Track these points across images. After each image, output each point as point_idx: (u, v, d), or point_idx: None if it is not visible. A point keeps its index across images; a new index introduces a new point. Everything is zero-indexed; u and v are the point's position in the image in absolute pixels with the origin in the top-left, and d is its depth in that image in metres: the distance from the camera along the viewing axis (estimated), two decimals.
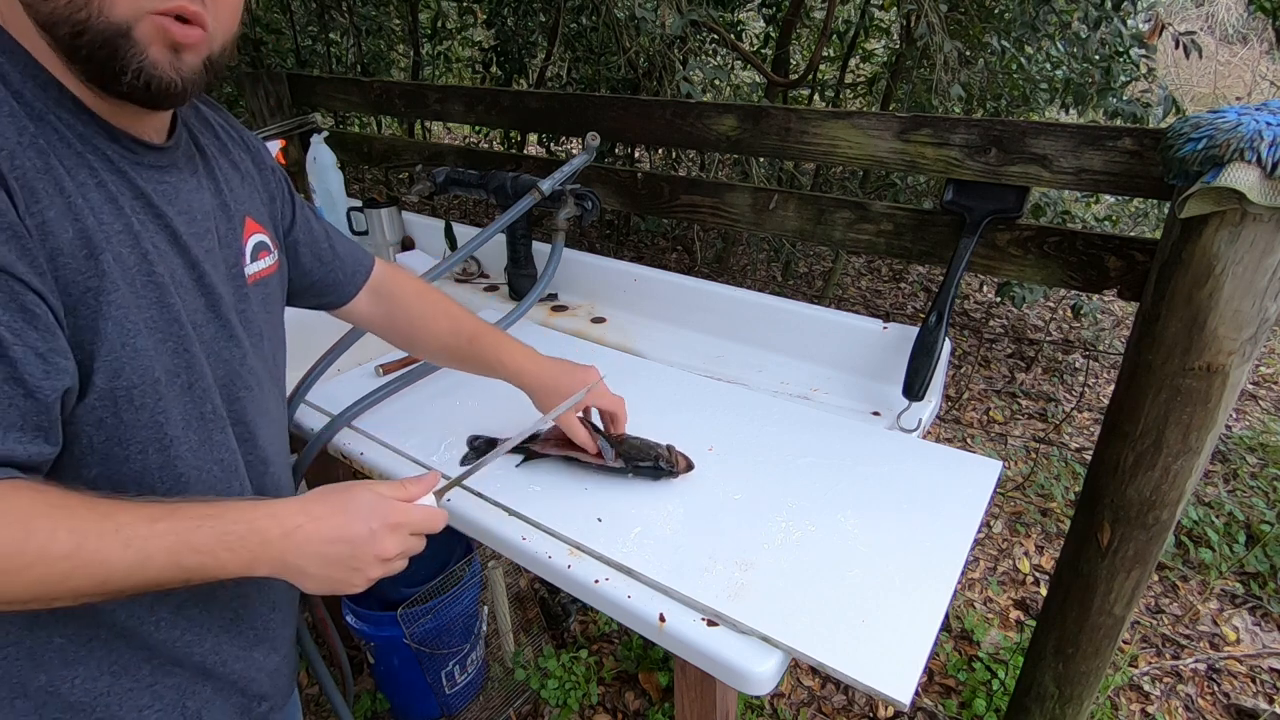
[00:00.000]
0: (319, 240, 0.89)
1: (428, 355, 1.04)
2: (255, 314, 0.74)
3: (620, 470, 0.94)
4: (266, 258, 0.77)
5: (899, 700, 0.67)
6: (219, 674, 0.72)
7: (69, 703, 0.62)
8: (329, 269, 0.90)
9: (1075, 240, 1.09)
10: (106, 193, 0.56)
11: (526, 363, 0.96)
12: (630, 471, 0.94)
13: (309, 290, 0.91)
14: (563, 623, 1.78)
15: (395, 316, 0.97)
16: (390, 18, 4.68)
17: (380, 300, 0.97)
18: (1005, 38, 2.73)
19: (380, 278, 0.96)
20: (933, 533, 0.87)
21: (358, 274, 0.93)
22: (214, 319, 0.66)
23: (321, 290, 0.91)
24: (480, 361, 0.98)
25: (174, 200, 0.63)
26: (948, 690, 1.73)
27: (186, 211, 0.64)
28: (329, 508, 0.61)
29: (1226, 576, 2.05)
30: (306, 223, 0.87)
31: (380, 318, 0.98)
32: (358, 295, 0.94)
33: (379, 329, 1.00)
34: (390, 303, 0.97)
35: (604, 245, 4.15)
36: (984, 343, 3.46)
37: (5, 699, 0.60)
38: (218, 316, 0.67)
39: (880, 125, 1.20)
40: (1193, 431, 0.94)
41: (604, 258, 1.62)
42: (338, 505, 0.61)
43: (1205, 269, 0.86)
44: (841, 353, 1.29)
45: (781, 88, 2.94)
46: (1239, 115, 0.80)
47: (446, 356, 1.01)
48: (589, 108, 1.55)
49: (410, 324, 0.98)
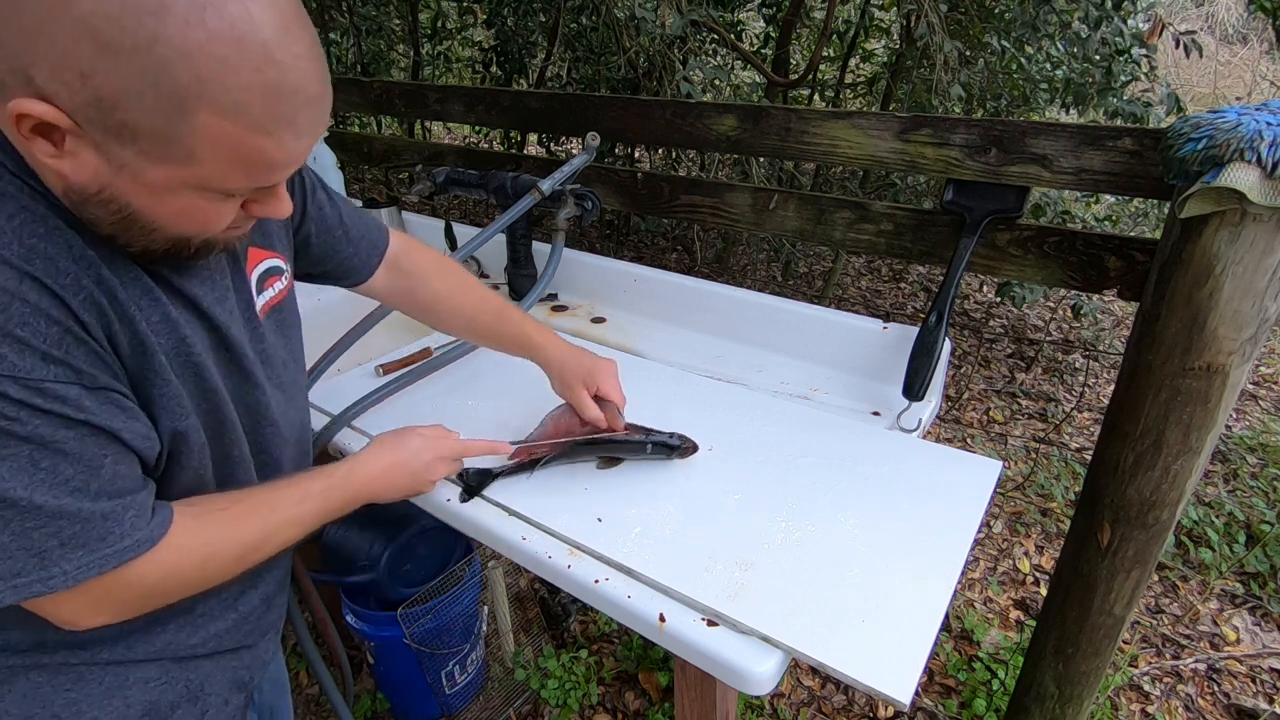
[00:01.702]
0: (332, 229, 0.88)
1: (449, 330, 1.06)
2: (272, 346, 0.75)
3: (638, 445, 0.95)
4: (276, 283, 0.77)
5: (899, 700, 0.67)
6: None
7: (75, 666, 0.65)
8: (342, 256, 0.90)
9: (1075, 240, 1.09)
10: (143, 286, 0.58)
11: (551, 342, 0.99)
12: (649, 445, 0.95)
13: (322, 275, 0.91)
14: (563, 623, 1.78)
15: (416, 292, 0.99)
16: (390, 18, 4.68)
17: (400, 276, 0.97)
18: (1005, 38, 2.73)
19: (397, 254, 0.97)
20: (933, 533, 0.87)
21: (372, 257, 0.94)
22: (236, 371, 0.69)
23: (335, 276, 0.92)
24: (505, 338, 1.01)
25: (194, 273, 0.64)
26: (948, 690, 1.73)
27: (207, 280, 0.65)
28: (395, 455, 0.85)
29: (1226, 576, 2.05)
30: (319, 210, 0.86)
31: (400, 293, 0.99)
32: (374, 274, 0.95)
33: (399, 304, 1.01)
34: (411, 279, 0.98)
35: (604, 245, 4.14)
36: (984, 343, 3.46)
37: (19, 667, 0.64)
38: (239, 369, 0.69)
39: (880, 125, 1.20)
40: (1193, 431, 0.94)
41: (604, 258, 1.62)
42: (400, 451, 0.86)
43: (1205, 269, 0.86)
44: (841, 353, 1.28)
45: (781, 88, 2.94)
46: (1239, 115, 0.80)
47: (470, 331, 1.04)
48: (589, 108, 1.55)
49: (434, 300, 1.00)
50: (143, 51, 0.43)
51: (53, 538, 0.53)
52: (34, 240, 0.51)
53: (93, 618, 0.60)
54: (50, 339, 0.50)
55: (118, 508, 0.57)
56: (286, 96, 0.49)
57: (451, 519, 0.94)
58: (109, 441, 0.55)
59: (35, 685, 0.64)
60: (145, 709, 0.70)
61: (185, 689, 0.73)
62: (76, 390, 0.52)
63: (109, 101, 0.45)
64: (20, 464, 0.50)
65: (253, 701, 0.85)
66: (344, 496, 0.78)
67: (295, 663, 1.73)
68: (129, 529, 0.57)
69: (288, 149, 0.52)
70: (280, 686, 0.99)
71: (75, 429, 0.52)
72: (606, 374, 0.96)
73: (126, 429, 0.56)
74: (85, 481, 0.54)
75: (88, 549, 0.55)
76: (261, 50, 0.46)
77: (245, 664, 0.80)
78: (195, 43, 0.44)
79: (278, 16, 0.47)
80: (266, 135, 0.49)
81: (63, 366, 0.51)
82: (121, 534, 0.57)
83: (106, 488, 0.56)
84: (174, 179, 0.50)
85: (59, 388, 0.51)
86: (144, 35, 0.43)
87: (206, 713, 0.75)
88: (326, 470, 0.78)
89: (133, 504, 0.58)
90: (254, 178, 0.53)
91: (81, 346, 0.52)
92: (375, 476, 0.83)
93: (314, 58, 0.50)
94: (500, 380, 1.21)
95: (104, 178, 0.50)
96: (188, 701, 0.73)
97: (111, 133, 0.47)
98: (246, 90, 0.47)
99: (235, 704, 0.79)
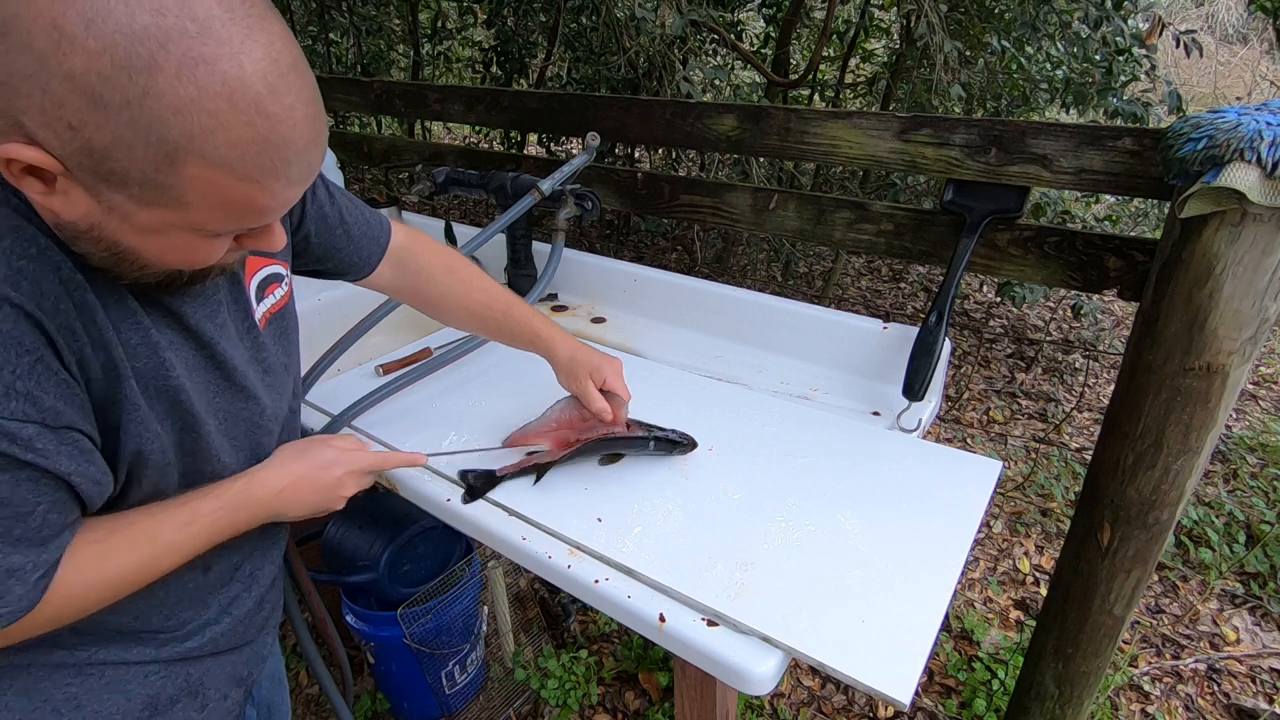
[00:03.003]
0: (333, 227, 0.87)
1: (455, 324, 1.06)
2: (271, 354, 0.75)
3: (640, 441, 0.95)
4: (276, 290, 0.77)
5: (899, 700, 0.66)
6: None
7: (74, 664, 0.66)
8: (342, 254, 0.90)
9: (1075, 240, 1.09)
10: (127, 307, 0.58)
11: (558, 336, 0.99)
12: (651, 442, 0.95)
13: (323, 272, 0.91)
14: (563, 623, 1.78)
15: (421, 287, 0.99)
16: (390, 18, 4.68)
17: (404, 271, 0.97)
18: (1005, 37, 2.73)
19: (401, 248, 0.96)
20: (933, 533, 0.87)
21: (374, 253, 0.93)
22: (229, 387, 0.69)
23: (336, 273, 0.92)
24: (512, 332, 1.01)
25: (184, 289, 0.63)
26: (948, 690, 1.73)
27: (198, 296, 0.65)
28: (302, 467, 0.78)
29: (1226, 576, 2.05)
30: (319, 209, 0.85)
31: (405, 288, 0.99)
32: (377, 269, 0.95)
33: (404, 298, 1.01)
34: (415, 274, 0.98)
35: (604, 245, 4.14)
36: (984, 343, 3.46)
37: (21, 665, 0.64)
38: (233, 384, 0.69)
39: (880, 125, 1.20)
40: (1193, 431, 0.94)
41: (604, 258, 1.62)
42: (307, 463, 0.79)
43: (1205, 269, 0.86)
44: (841, 353, 1.28)
45: (781, 88, 2.94)
46: (1239, 115, 0.80)
47: (476, 326, 1.04)
48: (589, 108, 1.55)
49: (439, 296, 1.00)
50: (133, 106, 0.43)
51: None
52: (22, 262, 0.51)
53: None
54: (20, 369, 0.50)
55: (28, 565, 0.55)
56: (277, 148, 0.48)
57: (452, 519, 0.94)
58: (50, 488, 0.54)
59: (36, 680, 0.64)
60: (145, 703, 0.70)
61: (185, 684, 0.73)
62: (34, 429, 0.51)
63: (99, 152, 0.45)
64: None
65: (251, 697, 0.85)
66: (237, 517, 0.72)
67: (295, 663, 1.73)
68: (29, 589, 0.55)
69: (278, 197, 0.51)
70: (279, 682, 0.99)
71: (16, 471, 0.52)
72: (613, 370, 0.97)
73: (78, 473, 0.55)
74: (8, 527, 0.53)
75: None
76: (253, 104, 0.46)
77: (244, 660, 0.81)
78: (186, 98, 0.44)
79: (272, 67, 0.46)
80: (257, 185, 0.49)
81: (26, 401, 0.50)
82: (20, 595, 0.55)
83: (30, 535, 0.54)
84: (164, 221, 0.50)
85: (13, 425, 0.50)
86: (134, 91, 0.43)
87: (206, 707, 0.76)
88: (220, 488, 0.72)
89: (44, 561, 0.56)
90: (245, 221, 0.53)
91: (52, 378, 0.52)
92: (278, 492, 0.75)
93: (307, 104, 0.49)
94: (501, 381, 1.21)
95: (94, 217, 0.49)
96: (187, 696, 0.73)
97: (102, 178, 0.46)
98: (236, 145, 0.46)
99: (234, 699, 0.80)
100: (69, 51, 0.42)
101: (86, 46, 0.41)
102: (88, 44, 0.41)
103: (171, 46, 0.43)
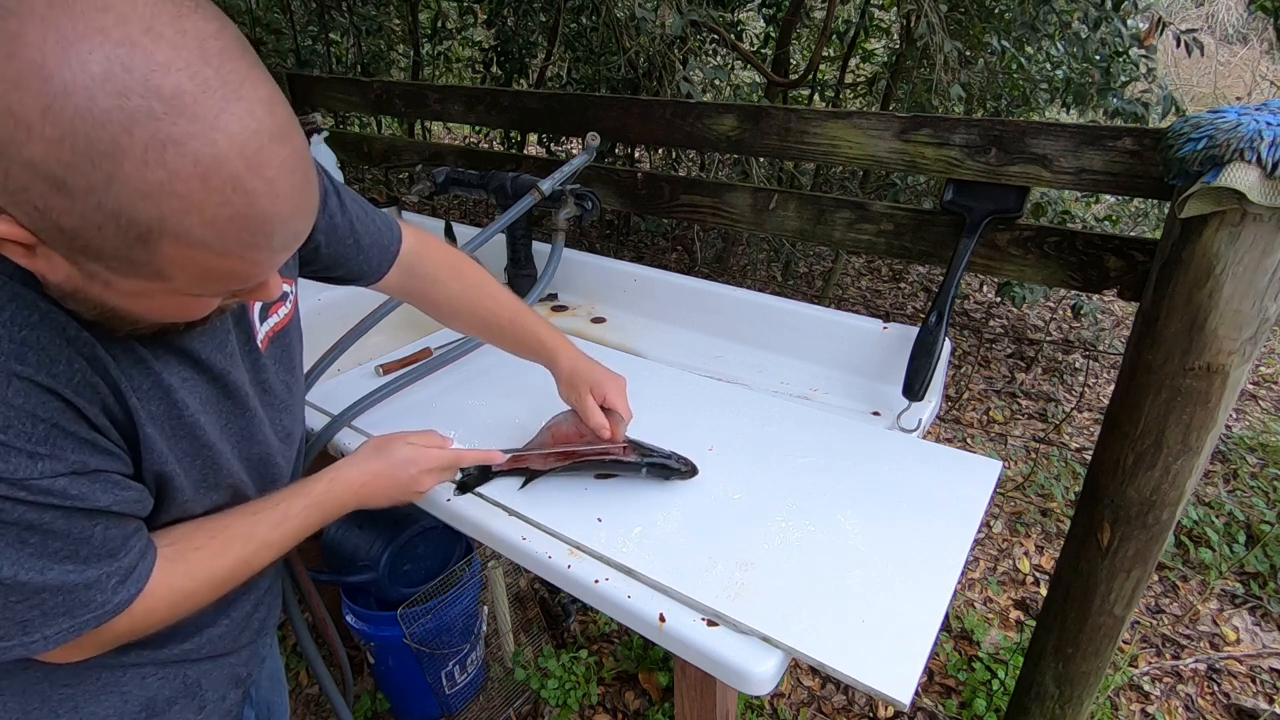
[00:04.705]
0: (343, 238, 0.86)
1: (462, 329, 1.06)
2: (272, 375, 0.75)
3: (633, 466, 0.93)
4: (280, 309, 0.76)
5: (899, 700, 0.67)
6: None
7: (72, 665, 0.66)
8: (351, 264, 0.89)
9: (1075, 240, 1.08)
10: (135, 356, 0.58)
11: (563, 347, 0.99)
12: (644, 467, 0.93)
13: (330, 279, 0.91)
14: (563, 623, 1.78)
15: (429, 293, 0.99)
16: (390, 18, 4.68)
17: (412, 278, 0.97)
18: (1005, 38, 2.73)
19: (410, 255, 0.95)
20: (933, 533, 0.87)
21: (383, 262, 0.93)
22: (237, 410, 0.69)
23: (343, 280, 0.92)
24: (518, 341, 1.01)
25: (188, 330, 0.63)
26: (948, 690, 1.73)
27: (206, 329, 0.64)
28: (381, 464, 0.84)
29: (1226, 576, 2.05)
30: (330, 220, 0.84)
31: (413, 293, 0.99)
32: (386, 276, 0.95)
33: (412, 302, 1.01)
34: (423, 281, 0.98)
35: (604, 245, 4.14)
36: (984, 343, 3.46)
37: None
38: (240, 407, 0.70)
39: (880, 125, 1.20)
40: (1193, 431, 0.94)
41: (604, 258, 1.62)
42: (386, 459, 0.85)
43: (1205, 269, 0.86)
44: (841, 353, 1.28)
45: (781, 88, 2.94)
46: (1239, 115, 0.80)
47: (482, 333, 1.04)
48: (589, 108, 1.55)
49: (448, 302, 1.00)
50: (99, 191, 0.41)
51: (35, 609, 0.55)
52: (25, 331, 0.50)
53: (68, 656, 0.62)
54: (36, 437, 0.51)
55: (102, 576, 0.58)
56: (259, 223, 0.46)
57: (452, 519, 0.94)
58: (99, 515, 0.57)
59: (33, 681, 0.64)
60: (142, 704, 0.70)
61: (182, 685, 0.73)
62: (65, 480, 0.53)
63: (69, 231, 0.43)
64: (8, 542, 0.52)
65: (250, 697, 0.85)
66: (324, 512, 0.78)
67: (295, 663, 1.73)
68: (110, 594, 0.59)
69: (262, 265, 0.49)
70: (277, 682, 0.99)
71: (62, 512, 0.54)
72: (615, 387, 0.95)
73: (118, 502, 0.57)
74: (74, 550, 0.55)
75: (69, 615, 0.57)
76: (229, 182, 0.43)
77: (243, 661, 0.81)
78: (155, 182, 0.41)
79: (251, 139, 0.43)
80: (239, 258, 0.47)
81: (51, 460, 0.52)
82: (103, 600, 0.58)
83: (97, 551, 0.57)
84: (147, 289, 0.49)
85: (45, 482, 0.52)
86: (99, 177, 0.40)
87: (204, 708, 0.76)
88: (306, 486, 0.77)
89: (118, 569, 0.59)
90: (231, 286, 0.51)
91: (69, 439, 0.53)
92: (359, 488, 0.82)
93: (290, 173, 0.46)
94: (501, 381, 1.21)
95: (76, 281, 0.48)
96: (185, 697, 0.73)
97: (78, 251, 0.45)
98: (213, 223, 0.44)
99: (232, 699, 0.80)
100: (25, 139, 0.39)
101: (44, 135, 0.39)
102: (45, 132, 0.39)
103: (136, 130, 0.40)
